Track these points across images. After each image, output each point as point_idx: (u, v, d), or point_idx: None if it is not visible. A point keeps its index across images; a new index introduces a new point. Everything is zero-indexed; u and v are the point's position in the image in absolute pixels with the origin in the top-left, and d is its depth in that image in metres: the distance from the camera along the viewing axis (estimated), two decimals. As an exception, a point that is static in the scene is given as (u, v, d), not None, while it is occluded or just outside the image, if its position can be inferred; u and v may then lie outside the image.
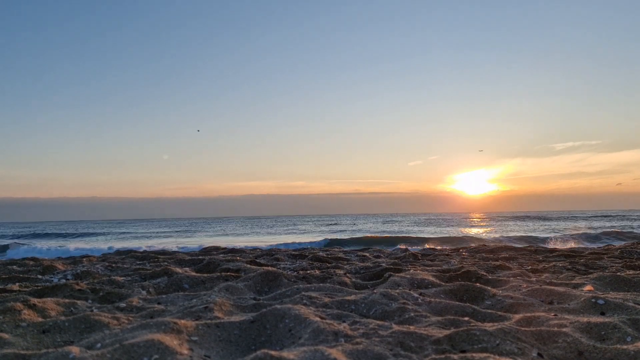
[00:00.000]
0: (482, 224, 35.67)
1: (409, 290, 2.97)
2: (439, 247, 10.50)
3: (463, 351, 1.69)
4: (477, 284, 3.02)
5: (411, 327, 1.96)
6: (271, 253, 6.75)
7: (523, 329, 1.89)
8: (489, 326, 1.89)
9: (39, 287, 3.21)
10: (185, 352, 1.64)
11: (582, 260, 4.89)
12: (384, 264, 4.66)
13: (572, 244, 12.50)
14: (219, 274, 3.81)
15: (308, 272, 3.90)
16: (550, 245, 11.34)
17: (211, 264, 4.74)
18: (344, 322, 2.08)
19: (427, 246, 12.38)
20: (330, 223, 42.47)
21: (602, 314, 2.29)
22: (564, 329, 1.89)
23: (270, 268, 4.00)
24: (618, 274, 3.45)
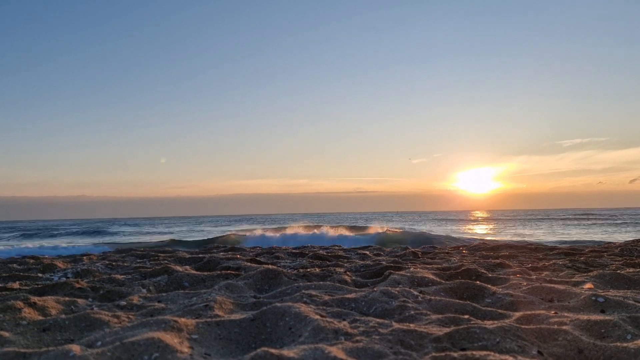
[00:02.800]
0: (483, 222, 35.63)
1: (409, 288, 2.97)
2: (438, 245, 10.50)
3: (463, 349, 1.69)
4: (477, 282, 3.02)
5: (411, 325, 1.96)
6: (271, 251, 6.75)
7: (523, 326, 1.88)
8: (489, 324, 1.89)
9: (39, 286, 3.22)
10: (186, 350, 1.64)
11: (582, 258, 4.89)
12: (384, 262, 4.66)
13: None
14: (219, 272, 3.82)
15: (308, 270, 3.90)
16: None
17: (211, 262, 4.75)
18: (344, 320, 2.08)
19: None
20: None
21: (602, 311, 2.29)
22: (564, 327, 1.89)
23: (270, 266, 4.00)
24: (618, 271, 3.45)
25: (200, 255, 5.61)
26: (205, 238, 20.64)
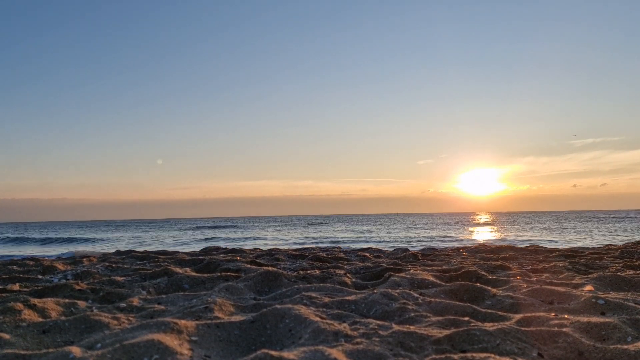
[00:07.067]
0: (485, 224, 35.62)
1: (409, 290, 2.97)
2: (439, 247, 10.50)
3: (463, 351, 1.69)
4: (478, 284, 3.02)
5: (411, 327, 1.96)
6: (271, 253, 6.75)
7: (523, 329, 1.88)
8: (489, 326, 1.89)
9: (39, 287, 3.21)
10: (186, 352, 1.64)
11: (582, 260, 4.89)
12: (384, 264, 4.66)
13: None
14: (219, 274, 3.81)
15: (308, 272, 3.90)
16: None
17: (211, 264, 4.74)
18: (344, 322, 2.08)
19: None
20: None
21: (603, 314, 2.29)
22: (564, 329, 1.89)
23: (270, 268, 4.00)
24: (618, 274, 3.45)
25: (200, 257, 5.61)
26: None
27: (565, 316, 2.17)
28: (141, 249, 9.00)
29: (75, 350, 1.58)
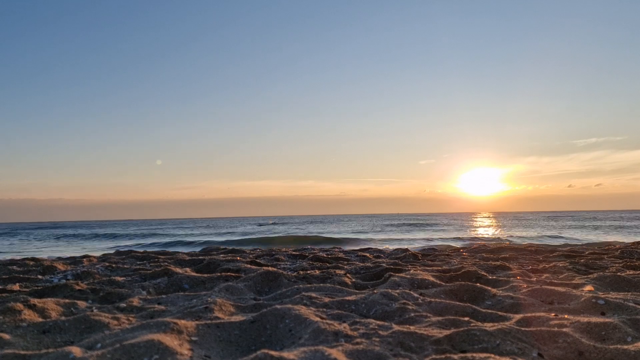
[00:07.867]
0: (485, 224, 35.61)
1: (409, 290, 2.97)
2: (439, 247, 10.51)
3: (463, 351, 1.69)
4: (478, 284, 3.01)
5: (411, 327, 1.96)
6: (271, 253, 6.75)
7: (523, 329, 1.88)
8: (489, 326, 1.89)
9: (39, 288, 3.21)
10: (186, 352, 1.64)
11: (582, 261, 4.89)
12: (384, 264, 4.66)
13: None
14: (219, 274, 3.81)
15: (308, 272, 3.90)
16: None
17: (211, 264, 4.74)
18: (344, 322, 2.08)
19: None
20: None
21: (603, 314, 2.29)
22: (564, 329, 1.89)
23: (270, 268, 4.00)
24: (618, 274, 3.45)
25: (200, 258, 5.61)
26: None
27: (566, 316, 2.17)
28: (142, 249, 8.99)
29: (75, 350, 1.58)
